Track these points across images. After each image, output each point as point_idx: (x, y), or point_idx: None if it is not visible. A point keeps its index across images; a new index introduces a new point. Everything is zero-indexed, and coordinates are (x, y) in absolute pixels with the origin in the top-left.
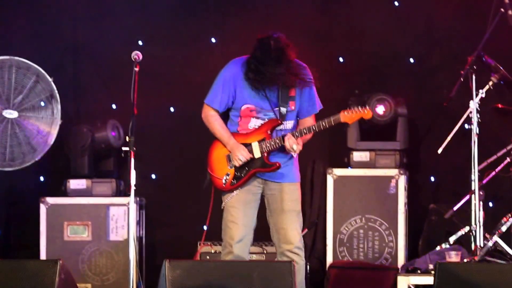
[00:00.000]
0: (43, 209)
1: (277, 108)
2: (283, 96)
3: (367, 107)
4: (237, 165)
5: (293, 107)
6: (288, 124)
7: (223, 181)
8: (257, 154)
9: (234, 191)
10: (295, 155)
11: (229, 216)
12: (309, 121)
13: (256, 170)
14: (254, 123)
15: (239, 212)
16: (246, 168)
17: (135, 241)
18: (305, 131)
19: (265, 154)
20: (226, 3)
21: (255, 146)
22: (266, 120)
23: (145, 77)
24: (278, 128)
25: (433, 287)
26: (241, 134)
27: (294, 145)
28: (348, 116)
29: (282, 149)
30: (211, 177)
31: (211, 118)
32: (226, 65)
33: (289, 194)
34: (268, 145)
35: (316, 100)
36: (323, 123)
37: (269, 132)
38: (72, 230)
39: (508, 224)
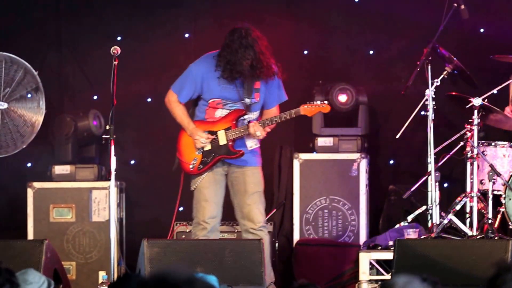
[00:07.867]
0: (30, 193)
1: (242, 100)
2: (248, 88)
3: (325, 102)
4: (199, 147)
5: (258, 99)
6: (253, 115)
7: (191, 166)
8: (222, 141)
9: (204, 174)
10: (255, 145)
11: (202, 196)
12: (273, 111)
13: (222, 156)
14: (220, 113)
15: (211, 192)
16: (213, 154)
17: (115, 222)
18: (267, 122)
19: (230, 142)
20: (197, 0)
21: (221, 134)
22: (232, 110)
23: (123, 70)
24: (243, 118)
25: (393, 262)
26: (208, 122)
27: (257, 131)
28: (308, 109)
29: (246, 139)
30: (180, 161)
31: (174, 103)
32: (197, 60)
33: (251, 177)
34: (233, 133)
35: (282, 91)
36: (285, 115)
37: (234, 122)
38: (57, 212)
39: (462, 203)
